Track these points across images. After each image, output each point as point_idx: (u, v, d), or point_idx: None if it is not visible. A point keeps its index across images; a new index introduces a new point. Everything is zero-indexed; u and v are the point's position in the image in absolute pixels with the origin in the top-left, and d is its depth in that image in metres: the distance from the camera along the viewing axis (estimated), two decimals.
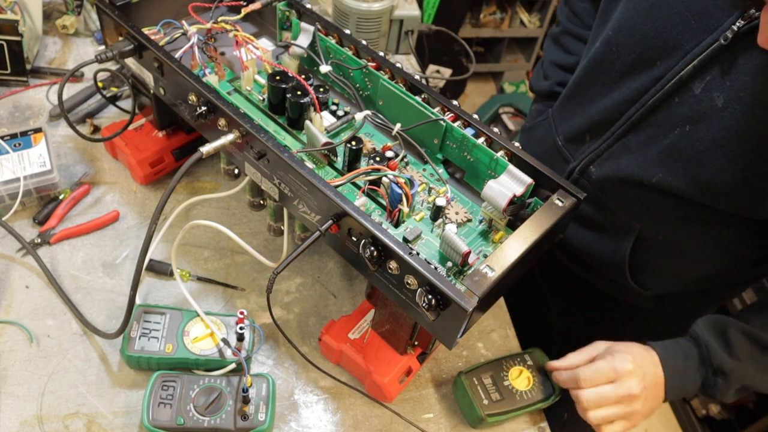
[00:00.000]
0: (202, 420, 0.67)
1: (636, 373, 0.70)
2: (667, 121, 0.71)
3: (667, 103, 0.71)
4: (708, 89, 0.66)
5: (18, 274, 0.81)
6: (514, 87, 2.95)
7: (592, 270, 0.92)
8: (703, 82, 0.67)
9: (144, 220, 0.90)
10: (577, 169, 0.84)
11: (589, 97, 0.82)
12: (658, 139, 0.72)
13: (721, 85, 0.65)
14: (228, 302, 0.83)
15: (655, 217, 0.79)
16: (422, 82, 0.75)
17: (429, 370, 0.81)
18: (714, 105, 0.66)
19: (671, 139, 0.71)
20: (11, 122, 0.98)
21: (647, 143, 0.74)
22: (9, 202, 0.85)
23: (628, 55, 0.74)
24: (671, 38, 0.69)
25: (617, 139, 0.77)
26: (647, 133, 0.74)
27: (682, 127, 0.69)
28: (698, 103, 0.67)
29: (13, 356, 0.74)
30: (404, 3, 1.11)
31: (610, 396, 0.70)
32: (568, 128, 0.87)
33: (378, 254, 0.59)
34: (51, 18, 1.16)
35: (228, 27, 0.80)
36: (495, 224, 0.69)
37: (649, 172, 0.73)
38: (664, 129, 0.71)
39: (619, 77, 0.76)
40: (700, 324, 0.74)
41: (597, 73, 0.79)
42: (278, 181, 0.68)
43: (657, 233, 0.81)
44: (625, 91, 0.75)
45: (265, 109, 0.78)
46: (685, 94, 0.69)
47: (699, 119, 0.68)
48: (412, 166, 0.74)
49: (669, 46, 0.69)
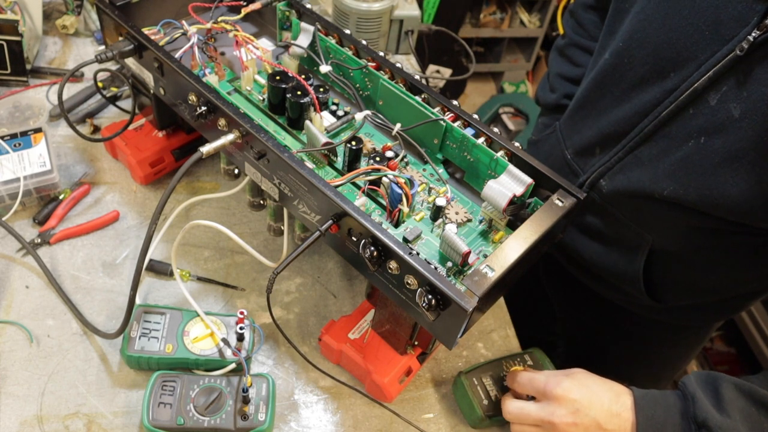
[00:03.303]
0: (202, 420, 0.67)
1: (566, 403, 0.65)
2: (681, 133, 0.69)
3: (681, 115, 0.69)
4: (724, 100, 0.65)
5: (18, 274, 0.81)
6: (514, 87, 2.95)
7: (604, 282, 0.90)
8: (719, 93, 0.65)
9: (144, 220, 0.90)
10: (587, 182, 0.82)
11: (599, 109, 0.80)
12: (670, 151, 0.70)
13: (738, 96, 0.64)
14: (228, 302, 0.83)
15: (668, 230, 0.78)
16: (422, 82, 0.75)
17: (429, 370, 0.81)
18: (731, 116, 0.64)
19: (685, 151, 0.69)
20: (11, 122, 0.98)
21: (659, 156, 0.72)
22: (9, 202, 0.85)
23: (641, 66, 0.72)
24: (685, 49, 0.67)
25: (629, 151, 0.75)
26: (660, 146, 0.72)
27: (697, 139, 0.68)
28: (714, 114, 0.66)
29: (13, 356, 0.74)
30: (404, 3, 1.11)
31: (531, 413, 0.67)
32: (577, 141, 0.85)
33: (378, 254, 0.59)
34: (51, 18, 1.16)
35: (228, 27, 0.80)
36: (495, 224, 0.69)
37: (661, 185, 0.72)
38: (677, 141, 0.70)
39: (631, 89, 0.74)
40: (691, 377, 0.67)
41: (607, 84, 0.78)
42: (278, 181, 0.68)
43: (670, 246, 0.79)
44: (637, 103, 0.73)
45: (265, 109, 0.78)
46: (700, 106, 0.67)
47: (715, 131, 0.66)
48: (412, 166, 0.74)
49: (683, 58, 0.68)
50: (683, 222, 0.75)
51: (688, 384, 0.66)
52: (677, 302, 0.86)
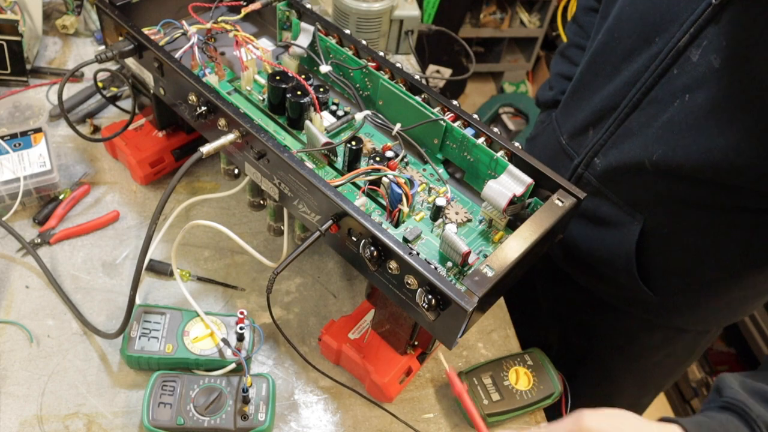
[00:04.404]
0: (202, 420, 0.67)
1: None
2: (667, 94, 0.68)
3: (665, 76, 0.68)
4: (705, 53, 0.64)
5: (18, 274, 0.81)
6: (514, 87, 2.95)
7: (597, 275, 0.88)
8: (700, 48, 0.64)
9: (144, 220, 0.90)
10: (582, 163, 0.81)
11: (592, 89, 0.79)
12: (658, 115, 0.69)
13: (718, 46, 0.62)
14: (228, 302, 0.83)
15: (660, 205, 0.76)
16: (422, 82, 0.75)
17: (429, 370, 0.81)
18: (712, 67, 0.63)
19: (671, 112, 0.68)
20: (11, 122, 0.98)
21: (648, 122, 0.71)
22: (9, 202, 0.85)
23: (628, 38, 0.72)
24: (668, 11, 0.67)
25: (619, 124, 0.74)
26: (648, 112, 0.71)
27: (682, 98, 0.66)
28: (696, 69, 0.65)
29: (13, 356, 0.74)
30: (404, 3, 1.11)
31: None
32: (571, 125, 0.85)
33: (378, 254, 0.59)
34: (51, 18, 1.16)
35: (228, 27, 0.80)
36: (495, 224, 0.69)
37: (650, 151, 0.70)
38: (664, 104, 0.68)
39: (621, 62, 0.73)
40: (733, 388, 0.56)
41: (599, 64, 0.78)
42: (278, 181, 0.68)
43: (662, 226, 0.77)
44: (626, 74, 0.72)
45: (265, 109, 0.78)
46: (683, 64, 0.66)
47: (698, 85, 0.65)
48: (412, 166, 0.74)
49: (666, 20, 0.67)
50: (675, 196, 0.73)
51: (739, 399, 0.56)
52: (672, 294, 0.84)
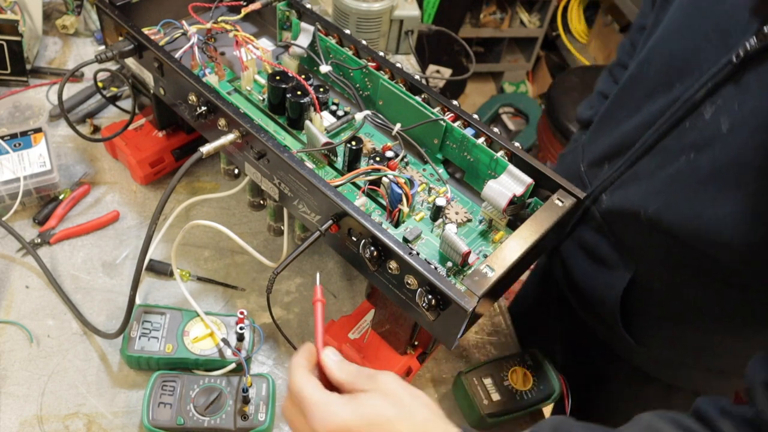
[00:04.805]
0: (202, 420, 0.67)
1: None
2: (676, 147, 0.64)
3: (678, 127, 0.64)
4: (717, 113, 0.60)
5: (18, 274, 0.81)
6: (514, 87, 2.95)
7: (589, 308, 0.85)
8: (714, 106, 0.60)
9: (144, 220, 0.90)
10: (591, 196, 0.78)
11: (616, 121, 0.76)
12: (665, 167, 0.66)
13: (730, 109, 0.58)
14: (228, 302, 0.83)
15: (652, 259, 0.72)
16: (422, 82, 0.75)
17: (429, 370, 0.81)
18: (719, 131, 0.59)
19: (676, 167, 0.64)
20: (11, 122, 0.98)
21: (654, 171, 0.67)
22: (9, 202, 0.85)
23: (655, 76, 0.68)
24: (693, 57, 0.63)
25: (630, 166, 0.71)
26: (656, 160, 0.67)
27: (688, 155, 0.63)
28: (706, 128, 0.61)
29: (13, 356, 0.74)
30: (404, 3, 1.11)
31: None
32: (592, 154, 0.81)
33: (378, 254, 0.59)
34: (51, 18, 1.16)
35: (228, 27, 0.80)
36: (495, 224, 0.69)
37: (647, 202, 0.67)
38: (672, 155, 0.65)
39: (643, 100, 0.70)
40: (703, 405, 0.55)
41: (626, 96, 0.75)
42: (278, 181, 0.68)
43: (653, 280, 0.74)
44: (646, 114, 0.69)
45: (265, 109, 0.78)
46: (696, 119, 0.62)
47: (704, 146, 0.61)
48: (412, 166, 0.74)
49: (690, 67, 0.63)
50: (667, 252, 0.69)
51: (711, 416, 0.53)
52: (659, 350, 0.80)
